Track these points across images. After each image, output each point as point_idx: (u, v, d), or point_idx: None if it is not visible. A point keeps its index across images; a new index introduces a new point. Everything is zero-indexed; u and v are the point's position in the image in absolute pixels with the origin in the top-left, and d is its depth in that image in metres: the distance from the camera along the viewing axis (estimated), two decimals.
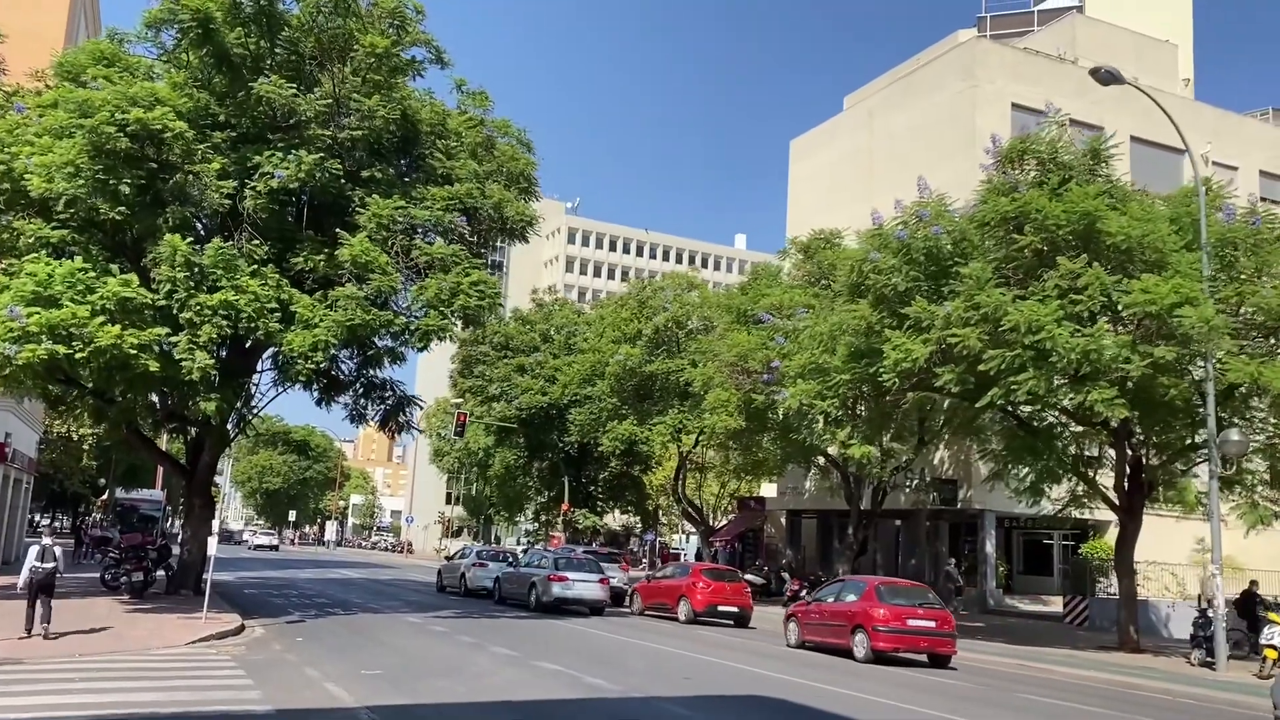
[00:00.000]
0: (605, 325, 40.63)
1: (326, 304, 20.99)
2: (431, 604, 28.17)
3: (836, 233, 34.91)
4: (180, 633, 17.80)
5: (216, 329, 19.47)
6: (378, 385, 25.89)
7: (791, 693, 14.61)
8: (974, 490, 36.74)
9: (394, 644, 18.07)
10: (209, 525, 25.30)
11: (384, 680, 13.56)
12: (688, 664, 17.56)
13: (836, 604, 21.49)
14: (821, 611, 21.79)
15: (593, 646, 19.57)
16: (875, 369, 23.54)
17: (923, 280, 22.96)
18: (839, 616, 20.94)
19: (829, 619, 21.35)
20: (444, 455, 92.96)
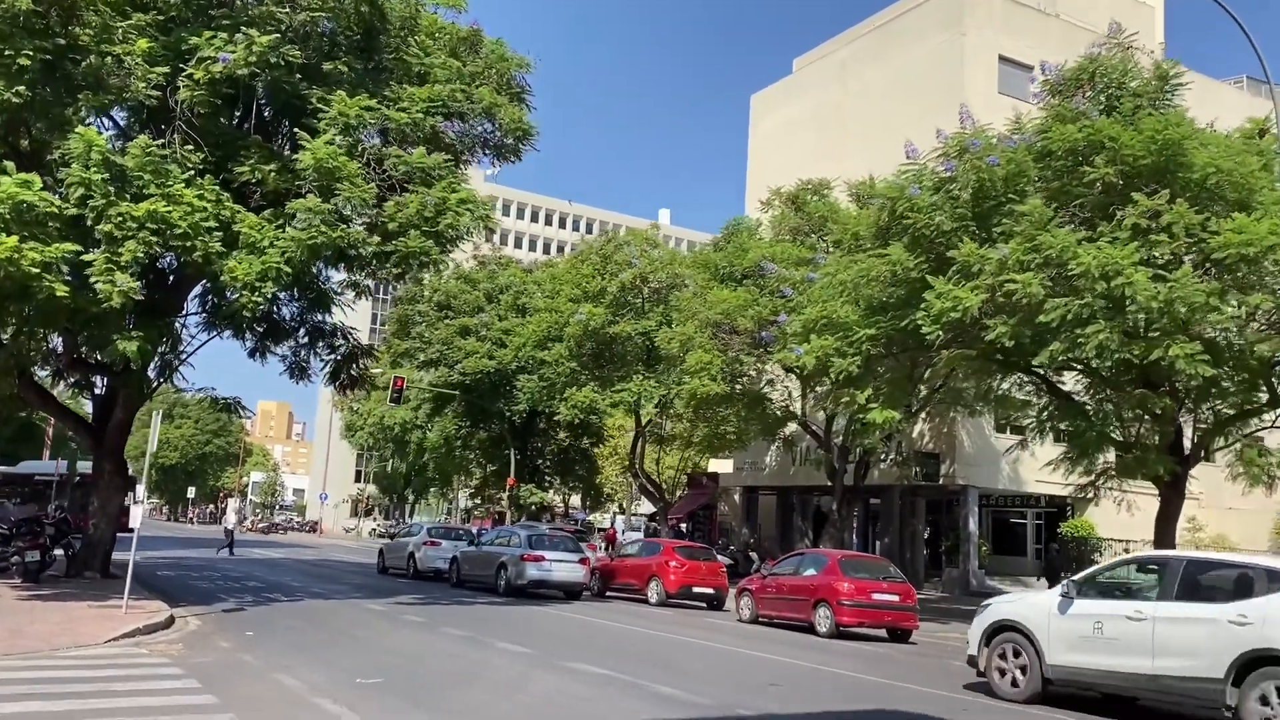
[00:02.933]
0: (563, 283, 37.11)
1: (277, 224, 17.17)
2: (384, 588, 24.49)
3: (826, 183, 32.08)
4: (96, 627, 13.98)
5: (143, 246, 15.54)
6: (327, 332, 22.01)
7: (925, 704, 11.63)
8: (957, 465, 34.48)
9: (372, 640, 14.54)
10: (122, 496, 21.29)
11: (392, 693, 10.13)
12: (751, 663, 14.47)
13: (796, 578, 20.71)
14: (780, 586, 20.95)
15: (615, 640, 16.36)
16: (907, 323, 20.74)
17: (970, 220, 20.17)
18: (800, 591, 20.14)
19: (788, 593, 20.56)
20: (356, 430, 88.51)
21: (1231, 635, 10.12)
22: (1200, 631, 10.42)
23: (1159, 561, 11.90)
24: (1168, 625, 10.72)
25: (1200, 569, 11.30)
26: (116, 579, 20.98)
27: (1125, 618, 11.09)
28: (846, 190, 31.77)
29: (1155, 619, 10.83)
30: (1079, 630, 11.48)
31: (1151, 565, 11.95)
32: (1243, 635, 10.04)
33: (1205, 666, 10.27)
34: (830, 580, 19.30)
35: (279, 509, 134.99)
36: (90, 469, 24.64)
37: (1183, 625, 10.61)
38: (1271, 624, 9.90)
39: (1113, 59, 20.42)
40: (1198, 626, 10.47)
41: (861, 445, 30.34)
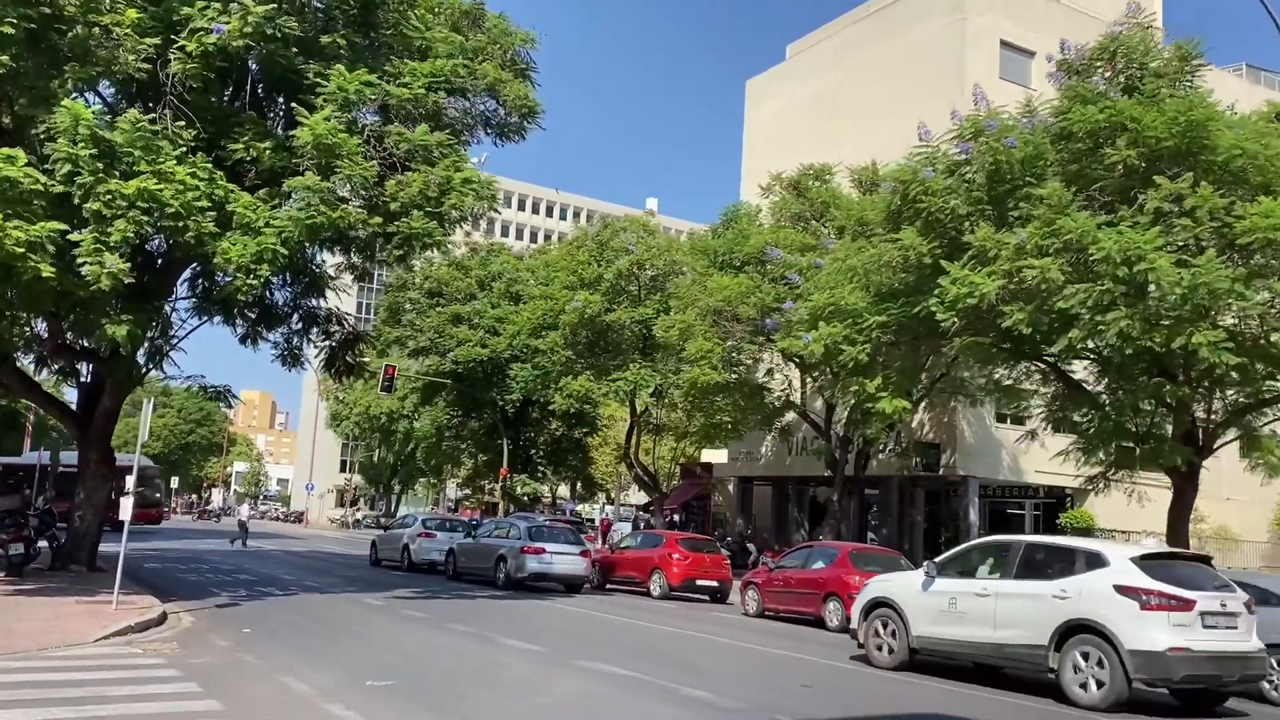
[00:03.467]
0: (557, 270, 36.39)
1: (272, 204, 16.47)
2: (379, 581, 23.85)
3: (828, 168, 31.49)
4: (86, 624, 13.33)
5: (133, 226, 14.81)
6: (321, 318, 21.30)
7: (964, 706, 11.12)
8: (958, 456, 34.04)
9: (375, 637, 13.93)
10: (108, 486, 20.59)
11: (405, 696, 9.53)
12: (772, 661, 13.96)
13: (805, 571, 20.41)
14: (787, 579, 20.62)
15: (626, 636, 15.80)
16: (920, 309, 20.21)
17: (986, 203, 19.63)
18: (809, 584, 19.83)
19: (797, 587, 20.23)
20: (342, 420, 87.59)
21: (1054, 608, 11.60)
22: (1031, 605, 11.88)
23: (1003, 545, 13.38)
24: (1006, 600, 12.21)
25: (1035, 551, 12.79)
26: (103, 572, 20.33)
27: (974, 594, 12.60)
28: (849, 176, 31.23)
29: (997, 595, 12.34)
30: (938, 605, 12.98)
31: (996, 548, 13.41)
32: (1063, 608, 11.54)
33: (1034, 635, 11.72)
34: (841, 574, 18.83)
35: (263, 499, 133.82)
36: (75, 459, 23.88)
37: (1018, 600, 12.09)
38: (1086, 598, 11.38)
39: (1133, 38, 19.88)
40: (1029, 601, 11.95)
41: (864, 435, 29.82)
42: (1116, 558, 11.76)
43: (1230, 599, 11.60)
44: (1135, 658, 10.84)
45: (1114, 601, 11.16)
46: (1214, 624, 11.23)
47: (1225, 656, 11.24)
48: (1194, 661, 10.93)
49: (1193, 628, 11.02)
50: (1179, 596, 11.08)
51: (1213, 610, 11.28)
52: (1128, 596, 11.11)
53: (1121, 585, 11.23)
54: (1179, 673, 10.92)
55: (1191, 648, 10.91)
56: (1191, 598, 11.14)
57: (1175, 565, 12.01)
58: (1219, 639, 11.23)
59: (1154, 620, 10.93)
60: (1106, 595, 11.24)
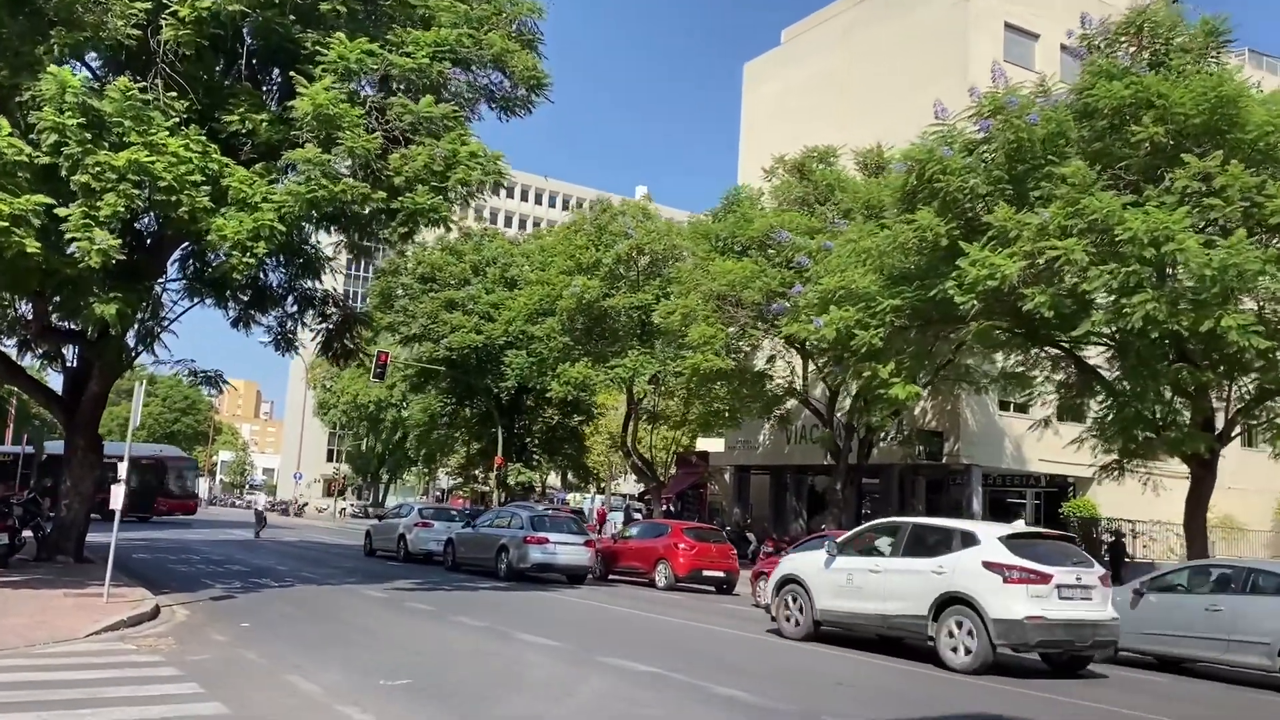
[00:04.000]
0: (554, 255, 35.67)
1: (269, 179, 15.73)
2: (377, 572, 23.16)
3: (832, 150, 30.85)
4: (75, 619, 12.63)
5: (124, 200, 14.08)
6: (317, 300, 20.56)
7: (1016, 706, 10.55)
8: (961, 444, 33.54)
9: (382, 632, 13.27)
10: (96, 474, 19.85)
11: (424, 698, 8.89)
12: (802, 656, 13.31)
13: None
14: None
15: (644, 630, 15.23)
16: (936, 292, 19.64)
17: (1006, 183, 19.06)
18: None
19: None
20: (329, 408, 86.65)
21: (933, 582, 12.70)
22: (914, 580, 12.99)
23: (894, 526, 14.43)
24: (894, 576, 13.32)
25: (921, 531, 13.79)
26: (91, 563, 19.61)
27: (868, 571, 13.70)
28: (854, 158, 30.62)
29: (887, 571, 13.45)
30: (837, 581, 14.07)
31: (889, 528, 14.42)
32: (939, 582, 12.63)
33: (916, 607, 12.83)
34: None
35: (249, 488, 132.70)
36: None
37: (903, 576, 13.18)
38: (959, 573, 12.49)
39: (1159, 12, 19.32)
40: (912, 576, 13.04)
41: (868, 423, 29.28)
42: (986, 537, 12.82)
43: (1086, 574, 12.75)
44: (998, 625, 11.95)
45: (982, 576, 12.28)
46: (1069, 595, 12.38)
47: (1078, 624, 12.37)
48: (1048, 628, 12.06)
49: (1049, 599, 12.16)
50: (1037, 571, 12.21)
51: (1068, 583, 12.39)
52: (993, 571, 12.22)
53: (988, 561, 12.35)
54: (1034, 638, 12.06)
55: (1046, 616, 12.04)
56: (1049, 572, 12.27)
57: (1039, 544, 13.12)
58: (1073, 609, 12.36)
59: (1014, 592, 12.06)
60: (976, 571, 12.37)
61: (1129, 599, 14.77)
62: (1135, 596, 14.84)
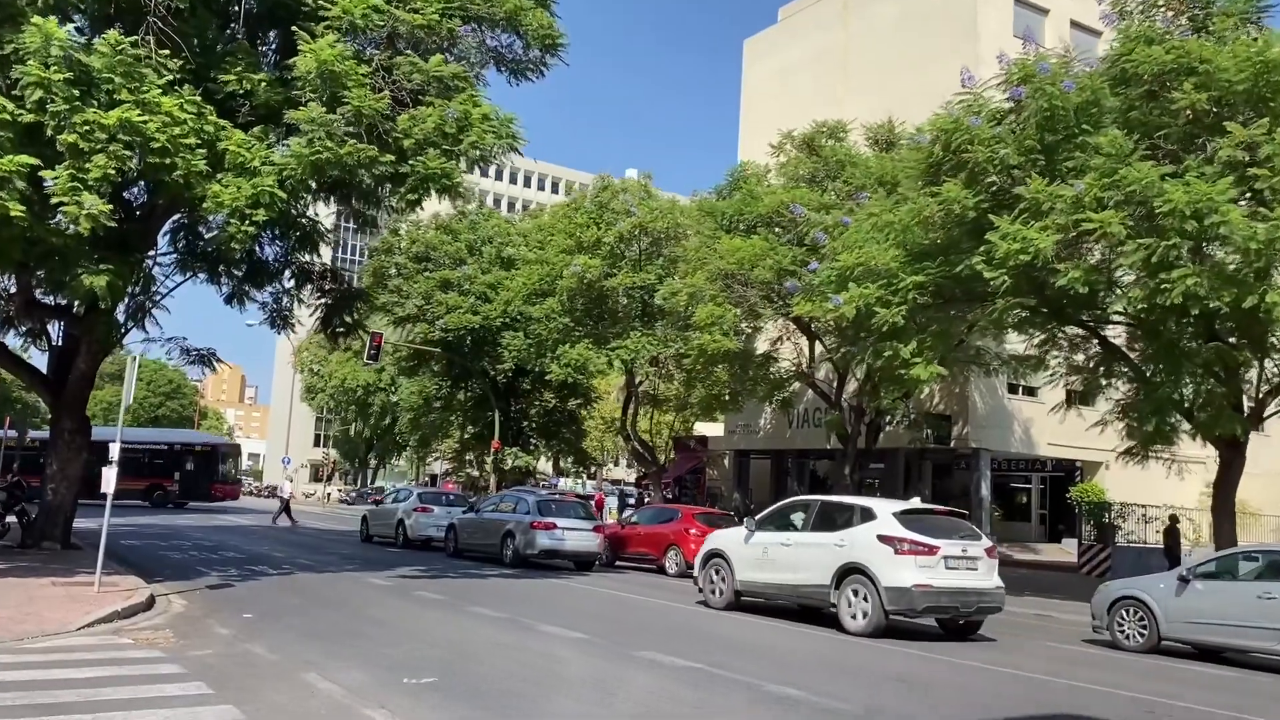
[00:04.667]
0: (554, 233, 34.73)
1: (269, 142, 14.80)
2: (377, 559, 22.31)
3: (842, 125, 30.00)
4: (66, 610, 11.77)
5: (115, 162, 13.14)
6: (316, 274, 19.62)
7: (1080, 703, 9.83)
8: (970, 427, 32.89)
9: (395, 624, 12.45)
10: (84, 457, 18.92)
11: (455, 699, 8.08)
12: (849, 649, 12.55)
13: None
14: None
15: (671, 621, 14.43)
16: (962, 268, 18.89)
17: (1037, 153, 18.28)
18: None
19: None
20: (317, 392, 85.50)
21: (835, 554, 13.83)
22: (819, 553, 14.10)
23: (805, 503, 15.64)
24: (803, 549, 14.43)
25: (828, 508, 14.94)
26: (79, 550, 18.76)
27: (780, 544, 14.81)
28: (864, 133, 29.79)
29: (797, 545, 14.56)
30: (754, 555, 15.16)
31: (801, 506, 15.57)
32: (840, 554, 13.78)
33: (821, 577, 13.97)
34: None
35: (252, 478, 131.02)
36: None
37: (811, 549, 14.29)
38: (857, 546, 13.62)
39: None
40: (818, 550, 14.15)
41: (878, 405, 28.55)
42: (882, 513, 13.90)
43: (972, 546, 13.86)
44: (889, 593, 13.11)
45: (876, 548, 13.40)
46: (955, 566, 13.48)
47: (963, 591, 13.48)
48: (934, 595, 13.17)
49: (935, 568, 13.26)
50: (925, 543, 13.32)
51: (954, 555, 13.49)
52: (886, 544, 13.34)
53: (882, 535, 13.47)
54: (921, 604, 13.15)
55: (933, 584, 13.16)
56: (936, 544, 13.36)
57: (929, 519, 14.22)
58: (958, 578, 13.47)
59: (904, 562, 13.19)
60: (871, 543, 13.49)
61: (1174, 587, 14.09)
62: (1180, 584, 14.13)
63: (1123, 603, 13.86)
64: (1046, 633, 16.30)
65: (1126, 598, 13.85)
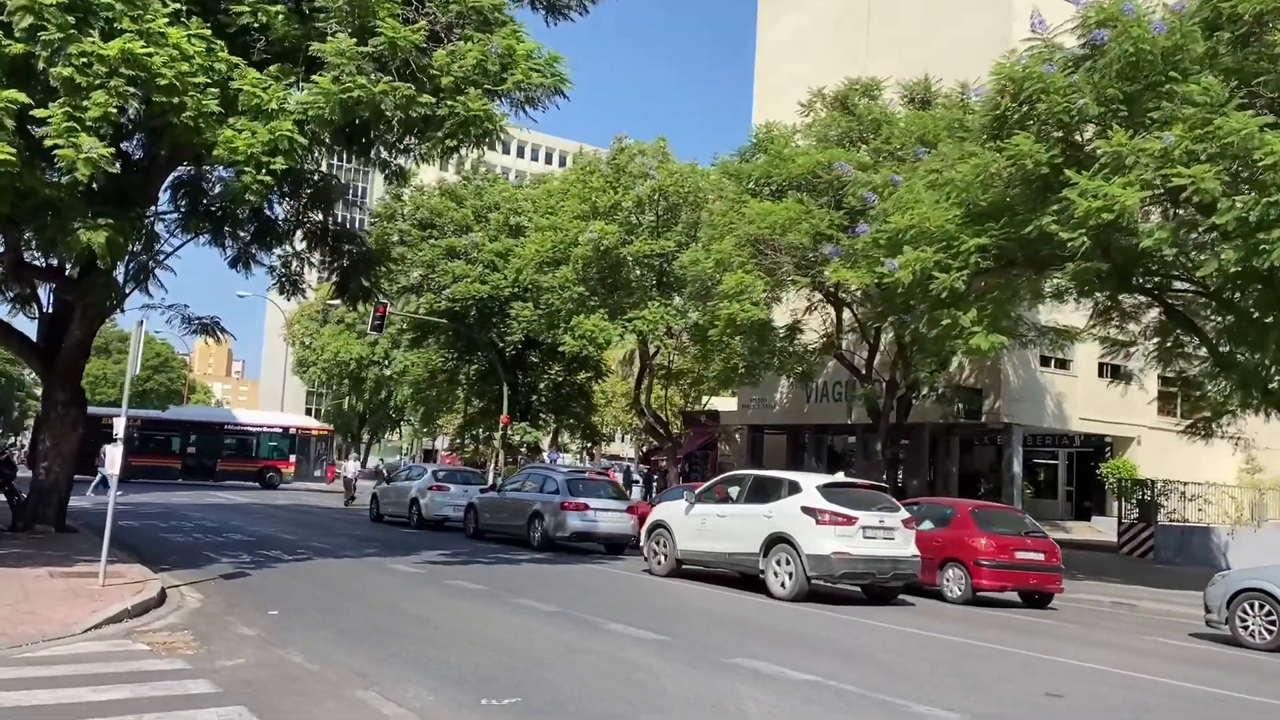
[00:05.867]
0: (567, 198, 33.11)
1: (287, 82, 13.23)
2: (395, 541, 20.87)
3: (876, 82, 28.45)
4: (68, 607, 10.31)
5: (116, 100, 11.58)
6: (331, 235, 18.05)
7: None
8: (1002, 401, 31.61)
9: (439, 621, 11.02)
10: (79, 432, 17.40)
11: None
12: (965, 653, 11.21)
13: (916, 532, 17.18)
14: None
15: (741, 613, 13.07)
16: (1030, 229, 17.49)
17: (1120, 102, 16.84)
18: (922, 548, 16.47)
19: None
20: (309, 366, 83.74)
21: (763, 525, 14.67)
22: (750, 523, 14.91)
23: (740, 477, 16.78)
24: (736, 520, 15.28)
25: (760, 482, 15.93)
26: (74, 533, 17.32)
27: (717, 516, 15.67)
28: (899, 91, 28.26)
29: (731, 516, 15.43)
30: (694, 525, 15.96)
31: (736, 479, 16.67)
32: (768, 524, 14.63)
33: (750, 545, 14.80)
34: (964, 536, 16.17)
35: None
36: None
37: (743, 519, 15.11)
38: (784, 516, 14.46)
39: None
40: (750, 520, 14.97)
41: (917, 377, 27.20)
42: (807, 486, 14.82)
43: (889, 517, 14.82)
44: (811, 560, 13.96)
45: (800, 519, 14.25)
46: (873, 535, 14.41)
47: (878, 559, 14.35)
48: (851, 562, 14.07)
49: (854, 538, 14.16)
50: (844, 514, 14.20)
51: (872, 525, 14.42)
52: (809, 515, 14.21)
53: (805, 506, 14.32)
54: (839, 570, 14.07)
55: (850, 552, 14.06)
56: (854, 515, 14.27)
57: (851, 492, 15.08)
58: (875, 547, 14.35)
59: (824, 532, 14.05)
60: (795, 514, 14.32)
61: None
62: None
63: (1246, 595, 12.50)
64: (1141, 624, 15.05)
65: (1251, 590, 12.49)
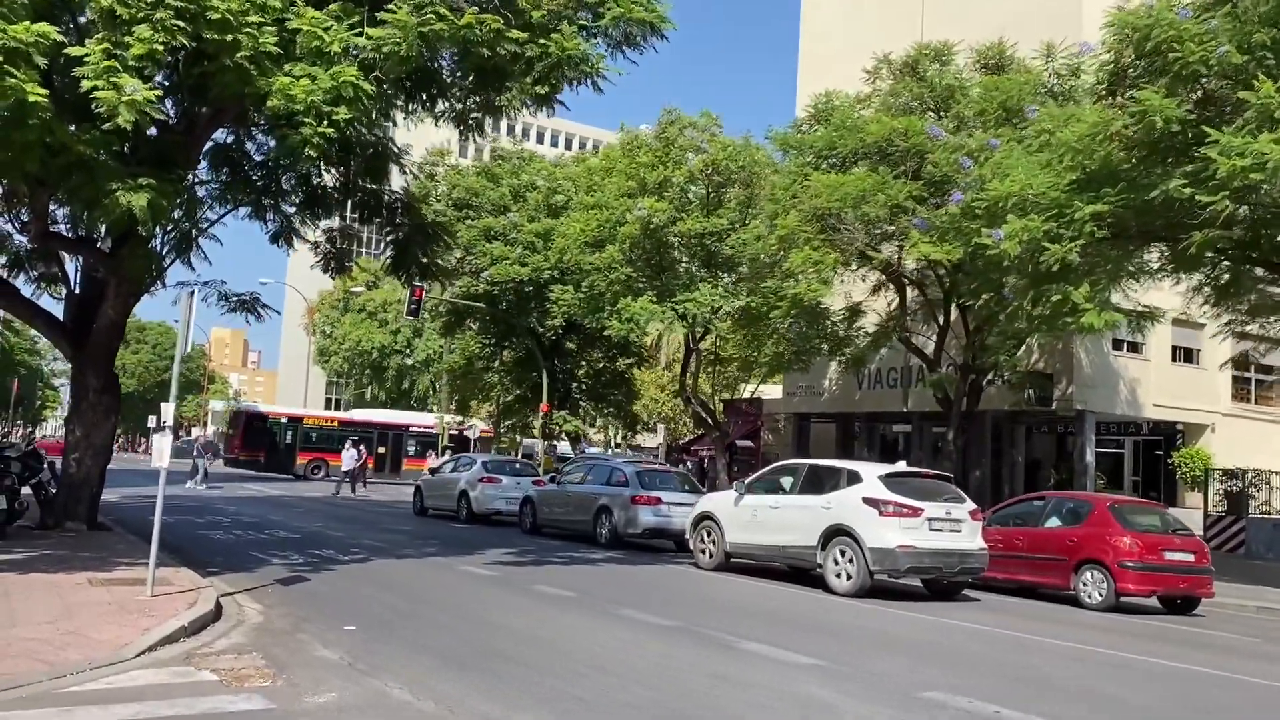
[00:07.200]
0: (612, 174, 31.46)
1: (351, 21, 11.62)
2: (451, 537, 19.34)
3: (948, 46, 26.66)
4: (114, 622, 8.79)
5: (162, 35, 10.02)
6: (386, 205, 16.42)
7: None
8: (1075, 387, 29.85)
9: (546, 638, 9.44)
10: (113, 420, 15.91)
11: None
12: (1194, 681, 9.63)
13: (1041, 530, 15.76)
14: (1010, 540, 15.67)
15: (873, 624, 11.47)
16: (1158, 193, 15.82)
17: (1266, 49, 15.12)
18: (1050, 547, 15.39)
19: (1027, 550, 15.62)
20: (330, 355, 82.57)
21: (821, 516, 13.99)
22: (806, 514, 14.28)
23: (794, 467, 15.98)
24: (790, 511, 14.63)
25: (815, 472, 15.12)
26: (107, 531, 15.87)
27: (769, 507, 15.01)
28: (973, 56, 26.46)
29: (785, 507, 14.77)
30: (744, 517, 15.39)
31: (789, 469, 15.89)
32: (826, 516, 13.93)
33: (807, 538, 14.15)
34: (1104, 534, 14.55)
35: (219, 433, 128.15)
36: None
37: (798, 511, 14.49)
38: (843, 507, 13.78)
39: None
40: (806, 511, 14.33)
41: (995, 360, 25.49)
42: (868, 476, 14.11)
43: (956, 508, 13.98)
44: (874, 553, 13.26)
45: (861, 510, 13.57)
46: (939, 528, 13.65)
47: (946, 553, 13.62)
48: (918, 555, 13.38)
49: (919, 530, 13.44)
50: (909, 505, 13.49)
51: (938, 516, 13.64)
52: (871, 506, 13.52)
53: (867, 497, 13.62)
54: (905, 564, 13.41)
55: (916, 545, 13.34)
56: (920, 506, 13.55)
57: (915, 482, 14.36)
58: (941, 539, 13.62)
59: (888, 524, 13.36)
60: (856, 505, 13.66)
61: None
62: None
63: None
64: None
65: None
